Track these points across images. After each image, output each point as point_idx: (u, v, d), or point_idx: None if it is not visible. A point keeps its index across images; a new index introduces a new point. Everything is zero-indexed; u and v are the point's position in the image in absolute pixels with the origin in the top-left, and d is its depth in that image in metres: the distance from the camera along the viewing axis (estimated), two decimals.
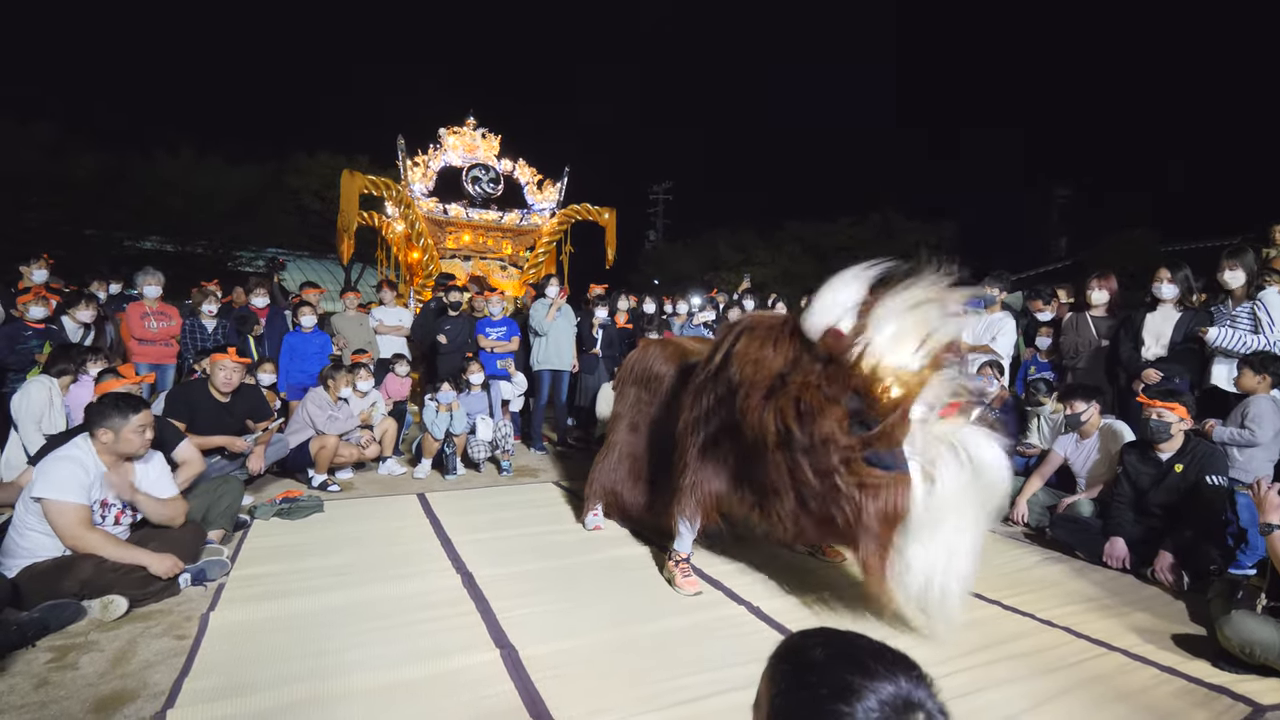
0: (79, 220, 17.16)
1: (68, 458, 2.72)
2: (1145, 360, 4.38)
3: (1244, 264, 4.17)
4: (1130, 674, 2.33)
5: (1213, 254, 4.70)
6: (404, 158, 10.09)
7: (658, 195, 34.82)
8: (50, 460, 2.73)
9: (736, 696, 2.08)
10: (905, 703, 0.72)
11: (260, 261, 20.51)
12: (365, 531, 3.78)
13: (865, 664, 0.75)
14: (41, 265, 5.60)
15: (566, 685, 2.15)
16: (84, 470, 2.71)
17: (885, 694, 0.72)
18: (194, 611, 2.64)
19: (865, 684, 0.72)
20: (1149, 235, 18.69)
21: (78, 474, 2.68)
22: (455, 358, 6.25)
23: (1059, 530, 3.73)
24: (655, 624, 2.63)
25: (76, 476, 2.68)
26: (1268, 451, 3.75)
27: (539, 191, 11.01)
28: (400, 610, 2.70)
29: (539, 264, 10.84)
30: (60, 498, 2.62)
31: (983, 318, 5.68)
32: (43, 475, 2.67)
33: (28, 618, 2.38)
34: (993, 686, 2.20)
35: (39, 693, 2.04)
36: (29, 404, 4.04)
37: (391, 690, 2.10)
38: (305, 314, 5.95)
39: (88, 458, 2.75)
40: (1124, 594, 3.08)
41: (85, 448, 2.77)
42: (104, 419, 2.77)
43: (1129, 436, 3.93)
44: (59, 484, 2.64)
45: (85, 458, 2.74)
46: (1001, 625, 2.70)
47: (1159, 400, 3.37)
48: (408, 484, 5.02)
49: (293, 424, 4.95)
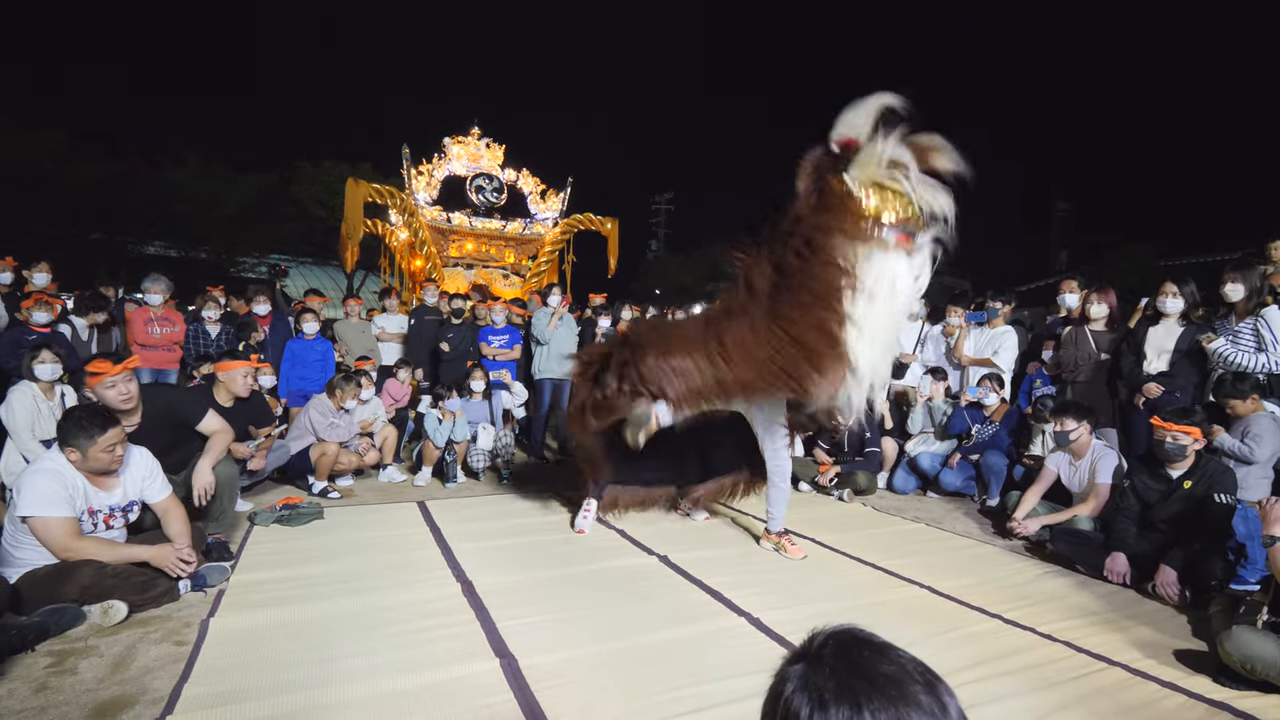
0: (84, 225, 17.26)
1: (44, 471, 2.64)
2: (1146, 374, 4.39)
3: (1246, 278, 4.18)
4: (1131, 689, 2.33)
5: (1211, 269, 4.72)
6: (408, 166, 10.16)
7: (660, 205, 34.98)
8: (28, 475, 2.65)
9: (736, 708, 2.07)
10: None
11: (263, 268, 20.62)
12: (365, 539, 3.77)
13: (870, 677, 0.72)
14: (43, 270, 5.62)
15: (566, 695, 2.14)
16: (62, 482, 2.64)
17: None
18: (193, 617, 2.64)
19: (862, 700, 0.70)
20: (1149, 249, 18.76)
21: (56, 487, 2.61)
22: (458, 365, 6.27)
23: (1060, 544, 3.72)
24: (655, 635, 2.62)
25: (56, 489, 2.61)
26: (1264, 469, 3.76)
27: (542, 201, 11.07)
28: (400, 618, 2.69)
29: (541, 273, 10.89)
30: (44, 513, 2.57)
31: (986, 331, 5.70)
32: (22, 492, 2.59)
33: (27, 622, 2.37)
34: (993, 701, 2.19)
35: (38, 697, 2.03)
36: (14, 414, 3.96)
37: (390, 698, 2.10)
38: (308, 320, 5.97)
39: (65, 468, 2.67)
40: (1125, 609, 3.07)
41: (60, 459, 2.68)
42: (70, 438, 2.66)
43: (1115, 463, 4.00)
44: (40, 500, 2.58)
45: (62, 468, 2.66)
46: (1002, 639, 2.69)
47: (1174, 423, 3.38)
48: (408, 491, 5.01)
49: (294, 430, 4.95)
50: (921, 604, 3.06)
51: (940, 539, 4.19)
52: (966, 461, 5.18)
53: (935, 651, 2.50)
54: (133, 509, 2.93)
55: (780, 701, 0.75)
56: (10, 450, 4.02)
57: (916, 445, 5.55)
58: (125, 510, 2.88)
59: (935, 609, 3.00)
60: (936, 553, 3.86)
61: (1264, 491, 3.65)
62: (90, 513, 2.75)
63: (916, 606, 3.03)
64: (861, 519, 4.66)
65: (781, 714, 0.74)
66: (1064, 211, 28.76)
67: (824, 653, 0.76)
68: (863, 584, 3.33)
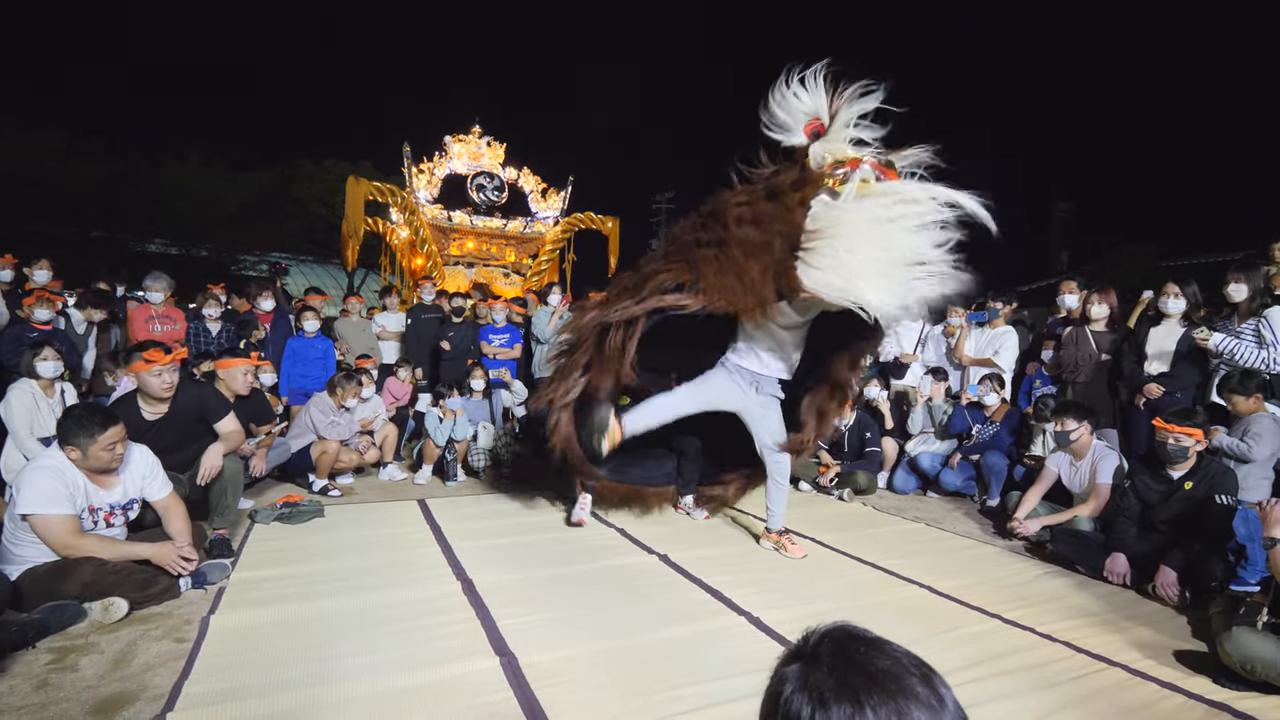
0: (85, 224, 17.27)
1: (44, 468, 2.64)
2: (1147, 375, 4.38)
3: (1250, 279, 4.16)
4: (1131, 689, 2.33)
5: (1212, 269, 4.71)
6: (409, 165, 10.15)
7: (660, 205, 34.94)
8: (27, 473, 2.65)
9: (735, 707, 2.08)
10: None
11: (264, 266, 20.61)
12: (366, 537, 3.78)
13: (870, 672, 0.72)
14: (43, 267, 5.62)
15: (565, 693, 2.14)
16: (63, 480, 2.63)
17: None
18: (194, 615, 2.64)
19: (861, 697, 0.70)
20: (1150, 249, 18.73)
21: (56, 485, 2.61)
22: (459, 364, 6.27)
23: (1060, 544, 3.72)
24: (655, 633, 2.63)
25: (56, 487, 2.61)
26: (1264, 469, 3.75)
27: (543, 199, 11.07)
28: (400, 616, 2.70)
29: (542, 271, 10.88)
30: (45, 511, 2.57)
31: (986, 331, 5.71)
32: (22, 490, 2.59)
33: (28, 619, 2.38)
34: (992, 700, 2.20)
35: (39, 694, 2.04)
36: (12, 412, 3.96)
37: (391, 696, 2.10)
38: (308, 319, 5.96)
39: (65, 466, 2.67)
40: (1125, 609, 3.08)
41: (60, 456, 2.69)
42: (70, 436, 2.66)
43: (1116, 464, 4.00)
44: (41, 497, 2.58)
45: (62, 466, 2.66)
46: (1001, 639, 2.69)
47: (1176, 424, 3.37)
48: (408, 489, 5.02)
49: (294, 428, 4.96)
50: (921, 604, 3.06)
51: (940, 539, 4.19)
52: (967, 461, 5.18)
53: (935, 651, 2.50)
54: (133, 507, 2.93)
55: (780, 702, 0.75)
56: (10, 448, 4.02)
57: (917, 445, 5.56)
58: (125, 508, 2.89)
59: (935, 609, 3.01)
60: (936, 553, 3.86)
61: (1264, 493, 3.65)
62: (91, 510, 2.75)
63: (916, 606, 3.03)
64: (861, 519, 4.66)
65: (782, 714, 0.74)
66: (1065, 211, 28.70)
67: (820, 651, 0.76)
68: (863, 584, 3.33)
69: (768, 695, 0.79)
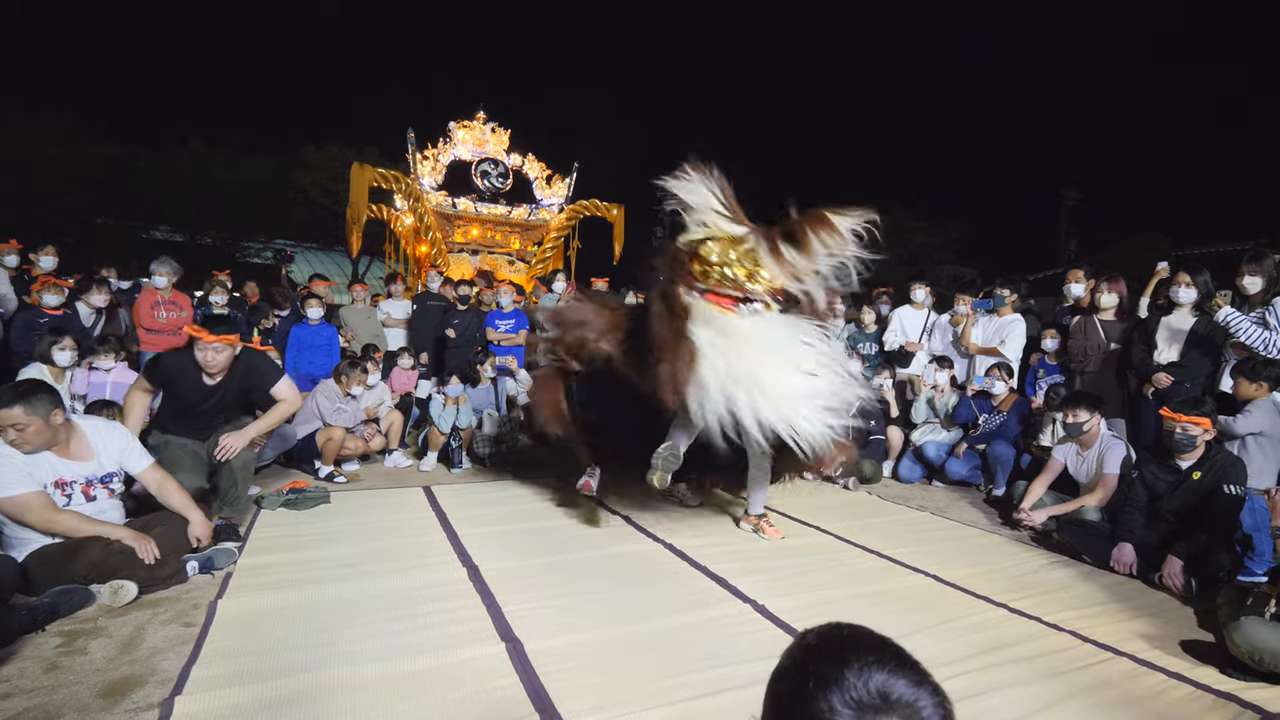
0: (89, 210, 17.27)
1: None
2: (1157, 364, 4.35)
3: (1263, 269, 4.12)
4: (1137, 679, 2.32)
5: (1223, 259, 4.66)
6: (414, 151, 10.11)
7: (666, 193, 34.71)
8: None
9: (740, 694, 2.08)
10: (882, 697, 0.70)
11: (269, 253, 20.62)
12: (371, 523, 3.79)
13: (845, 657, 0.73)
14: (49, 253, 5.63)
15: (571, 679, 2.15)
16: (10, 462, 2.55)
17: (856, 688, 0.70)
18: (202, 599, 2.66)
19: (838, 674, 0.71)
20: (1159, 239, 18.58)
21: (4, 468, 2.53)
22: (464, 352, 6.27)
23: (1066, 534, 3.71)
24: (661, 620, 2.63)
25: (5, 470, 2.53)
26: (1267, 459, 3.72)
27: (548, 186, 11.02)
28: (406, 602, 2.71)
29: (546, 259, 10.86)
30: (9, 493, 2.52)
31: (993, 319, 5.67)
32: None
33: (37, 602, 2.39)
34: (998, 689, 2.19)
35: (48, 677, 2.05)
36: None
37: (397, 681, 2.11)
38: (313, 306, 5.96)
39: (2, 448, 2.56)
40: (1131, 599, 3.07)
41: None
42: None
43: (1124, 454, 3.96)
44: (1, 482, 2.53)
45: (3, 446, 2.57)
46: (1008, 628, 2.69)
47: (1184, 413, 3.35)
48: (413, 476, 5.03)
49: (300, 415, 4.96)
50: (927, 592, 3.06)
51: (945, 528, 4.19)
52: (972, 451, 5.16)
53: (940, 640, 2.50)
54: (113, 480, 2.87)
55: (783, 683, 0.78)
56: None
57: (922, 434, 5.54)
58: (105, 480, 2.83)
59: (940, 597, 3.00)
60: (942, 542, 3.86)
61: (1271, 478, 3.63)
62: (60, 484, 2.67)
63: (921, 595, 3.02)
64: (866, 507, 4.66)
65: (787, 707, 0.76)
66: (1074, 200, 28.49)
67: (808, 638, 0.81)
68: (868, 572, 3.33)
69: (770, 691, 0.81)
